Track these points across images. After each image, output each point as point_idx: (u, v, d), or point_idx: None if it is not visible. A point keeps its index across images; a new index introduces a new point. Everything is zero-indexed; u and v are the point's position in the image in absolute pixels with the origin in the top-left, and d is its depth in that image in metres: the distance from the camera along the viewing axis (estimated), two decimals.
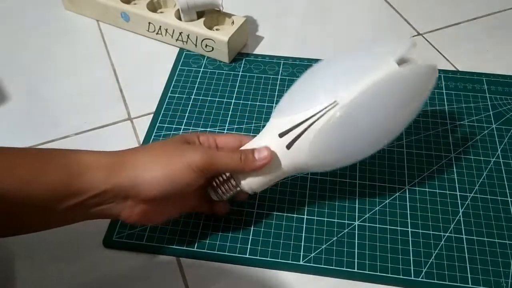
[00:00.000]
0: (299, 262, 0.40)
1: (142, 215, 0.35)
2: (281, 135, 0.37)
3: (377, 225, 0.42)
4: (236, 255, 0.41)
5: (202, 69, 0.56)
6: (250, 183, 0.38)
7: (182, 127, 0.50)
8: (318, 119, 0.35)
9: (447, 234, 0.42)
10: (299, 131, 0.36)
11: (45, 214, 0.33)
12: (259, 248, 0.41)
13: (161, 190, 0.34)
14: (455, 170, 0.46)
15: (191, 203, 0.40)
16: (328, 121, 0.35)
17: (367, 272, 0.40)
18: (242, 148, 0.38)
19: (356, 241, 0.41)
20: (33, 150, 0.34)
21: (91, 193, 0.32)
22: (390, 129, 0.39)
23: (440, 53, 0.58)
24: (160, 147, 0.36)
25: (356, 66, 0.37)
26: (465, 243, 0.41)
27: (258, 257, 0.41)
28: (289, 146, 0.36)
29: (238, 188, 0.38)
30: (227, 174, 0.38)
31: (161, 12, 0.59)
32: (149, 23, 0.58)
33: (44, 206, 0.32)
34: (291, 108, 0.38)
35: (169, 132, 0.50)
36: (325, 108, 0.35)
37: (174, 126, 0.50)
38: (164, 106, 0.52)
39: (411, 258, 0.40)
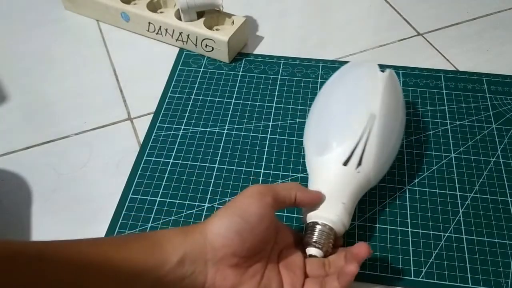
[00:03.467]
0: None
1: (228, 283, 0.32)
2: (345, 163, 0.39)
3: (377, 225, 0.42)
4: None
5: (202, 69, 0.56)
6: (342, 220, 0.37)
7: (182, 127, 0.50)
8: (369, 133, 0.40)
9: (447, 234, 0.42)
10: (360, 151, 0.39)
11: None
12: None
13: (234, 229, 0.32)
14: (455, 170, 0.46)
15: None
16: (376, 132, 0.40)
17: (367, 272, 0.40)
18: (301, 192, 0.37)
19: (356, 241, 0.41)
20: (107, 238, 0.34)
21: (173, 261, 0.31)
22: (401, 118, 0.44)
23: (440, 53, 0.58)
24: (229, 204, 0.34)
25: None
26: (465, 243, 0.41)
27: None
28: (358, 168, 0.39)
29: (333, 231, 0.37)
30: (319, 227, 0.37)
31: (161, 12, 0.59)
32: (149, 23, 0.58)
33: (125, 284, 0.30)
34: (336, 139, 0.41)
35: (169, 132, 0.50)
36: (368, 123, 0.40)
37: (174, 126, 0.50)
38: (164, 106, 0.52)
39: (411, 258, 0.40)
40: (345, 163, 0.39)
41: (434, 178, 0.46)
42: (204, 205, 0.44)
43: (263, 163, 0.47)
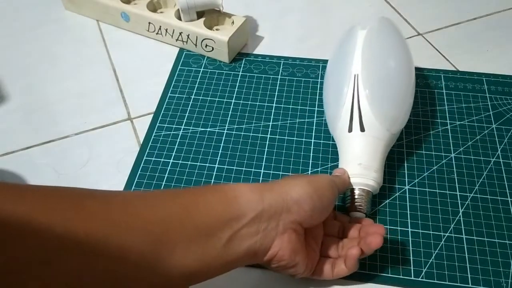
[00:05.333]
0: None
1: (291, 246, 0.34)
2: (350, 129, 0.42)
3: None
4: None
5: (202, 69, 0.56)
6: (374, 179, 0.41)
7: (182, 127, 0.50)
8: (358, 94, 0.42)
9: (447, 234, 0.42)
10: (357, 113, 0.42)
11: (203, 249, 0.30)
12: None
13: (311, 204, 0.34)
14: (455, 170, 0.46)
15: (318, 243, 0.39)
16: (363, 89, 0.42)
17: (367, 272, 0.40)
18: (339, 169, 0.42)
19: None
20: (184, 189, 0.35)
21: (250, 216, 0.32)
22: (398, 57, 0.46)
23: (440, 53, 0.58)
24: (302, 175, 0.39)
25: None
26: (465, 243, 0.41)
27: None
28: (362, 129, 0.42)
29: (371, 192, 0.41)
30: (357, 192, 0.41)
31: (161, 12, 0.59)
32: (149, 23, 0.58)
33: (206, 236, 0.31)
34: (334, 111, 0.44)
35: (169, 132, 0.50)
36: (354, 85, 0.43)
37: (174, 126, 0.50)
38: (164, 106, 0.52)
39: (411, 258, 0.40)
40: (350, 130, 0.42)
41: (434, 178, 0.46)
42: None
43: (263, 163, 0.47)
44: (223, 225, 0.31)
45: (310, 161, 0.47)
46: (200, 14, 0.57)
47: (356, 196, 0.41)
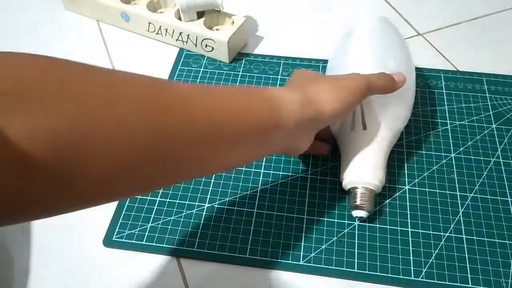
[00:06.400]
0: (299, 262, 0.40)
1: (310, 141, 0.39)
2: (352, 128, 0.42)
3: (377, 225, 0.42)
4: (236, 255, 0.41)
5: (202, 69, 0.56)
6: (377, 177, 0.41)
7: None
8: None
9: (447, 234, 0.42)
10: (359, 111, 0.42)
11: (245, 146, 0.33)
12: (259, 248, 0.41)
13: (340, 118, 0.40)
14: (455, 170, 0.46)
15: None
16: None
17: (367, 272, 0.40)
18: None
19: (356, 241, 0.41)
20: (233, 87, 0.35)
21: (290, 126, 0.34)
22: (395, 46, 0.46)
23: (440, 53, 0.58)
24: (333, 81, 0.38)
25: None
26: (465, 243, 0.41)
27: (258, 257, 0.41)
28: (364, 127, 0.42)
29: (374, 190, 0.41)
30: (360, 190, 0.41)
31: (161, 12, 0.60)
32: (149, 23, 0.58)
33: (254, 137, 0.32)
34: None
35: None
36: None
37: None
38: None
39: (411, 258, 0.40)
40: (352, 128, 0.42)
41: (434, 178, 0.46)
42: (204, 205, 0.44)
43: (263, 163, 0.47)
44: (266, 131, 0.33)
45: (310, 161, 0.47)
46: (200, 14, 0.57)
47: (359, 195, 0.41)
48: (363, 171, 0.41)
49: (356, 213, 0.41)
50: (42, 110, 0.21)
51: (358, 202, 0.40)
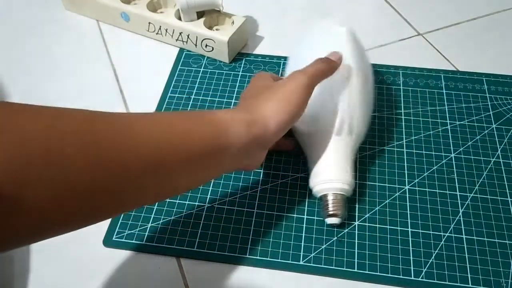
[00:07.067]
0: (299, 262, 0.40)
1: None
2: (338, 133, 0.42)
3: (377, 225, 0.42)
4: (236, 255, 0.41)
5: (202, 69, 0.56)
6: (346, 181, 0.40)
7: None
8: None
9: (447, 234, 0.42)
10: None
11: (193, 170, 0.33)
12: (259, 248, 0.41)
13: (288, 128, 0.38)
14: (455, 170, 0.46)
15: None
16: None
17: (367, 272, 0.40)
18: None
19: (356, 241, 0.41)
20: (179, 113, 0.35)
21: (239, 146, 0.34)
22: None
23: (440, 53, 0.58)
24: (277, 90, 0.38)
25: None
26: (465, 243, 0.41)
27: (258, 257, 0.41)
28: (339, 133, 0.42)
29: (345, 195, 0.41)
30: (331, 198, 0.40)
31: (161, 12, 0.60)
32: (149, 23, 0.58)
33: (202, 161, 0.33)
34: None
35: None
36: None
37: None
38: (164, 106, 0.52)
39: (411, 258, 0.40)
40: (338, 134, 0.42)
41: (434, 178, 0.46)
42: (204, 205, 0.44)
43: (263, 163, 0.47)
44: (212, 154, 0.33)
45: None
46: (200, 14, 0.57)
47: (331, 202, 0.40)
48: (332, 177, 0.40)
49: (331, 220, 0.41)
50: None
51: (331, 210, 0.40)
